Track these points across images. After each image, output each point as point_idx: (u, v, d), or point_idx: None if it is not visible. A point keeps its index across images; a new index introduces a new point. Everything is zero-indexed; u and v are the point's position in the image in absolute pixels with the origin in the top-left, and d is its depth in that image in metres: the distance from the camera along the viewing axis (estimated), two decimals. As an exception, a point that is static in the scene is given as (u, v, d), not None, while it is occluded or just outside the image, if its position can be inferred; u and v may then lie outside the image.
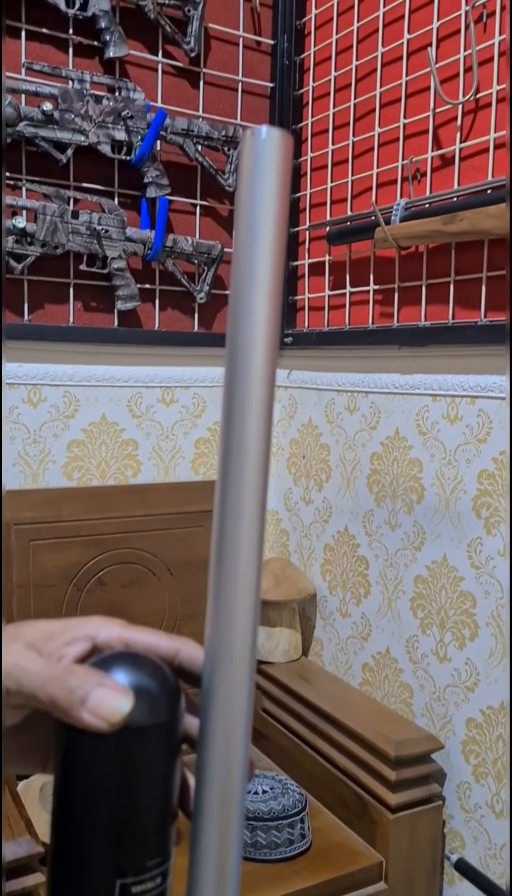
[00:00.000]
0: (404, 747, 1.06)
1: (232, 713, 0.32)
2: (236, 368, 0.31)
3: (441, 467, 1.11)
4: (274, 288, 0.31)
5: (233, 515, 0.32)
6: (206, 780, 0.32)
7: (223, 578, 0.32)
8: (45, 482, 1.26)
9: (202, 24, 1.29)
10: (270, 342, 0.31)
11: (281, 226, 0.31)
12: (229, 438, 0.31)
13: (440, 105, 1.10)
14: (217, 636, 0.32)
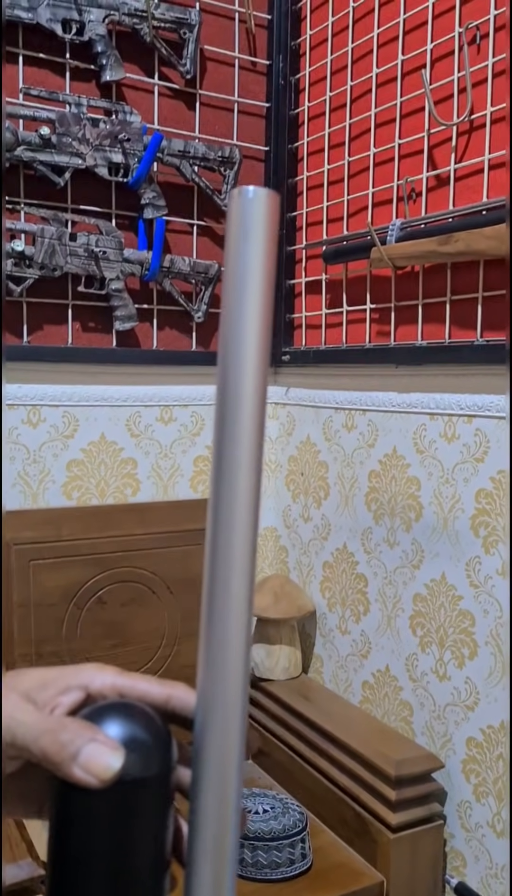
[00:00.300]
0: (405, 766, 1.06)
1: (224, 760, 0.32)
2: (227, 413, 0.31)
3: (439, 486, 1.11)
4: (263, 343, 0.31)
5: (225, 536, 0.32)
6: (199, 828, 0.32)
7: (215, 610, 0.32)
8: (45, 502, 1.26)
9: (198, 45, 1.30)
10: (258, 396, 0.31)
11: (268, 283, 0.31)
12: (221, 459, 0.32)
13: (435, 126, 1.11)
14: (209, 679, 0.32)
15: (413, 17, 1.14)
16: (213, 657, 0.32)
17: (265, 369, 0.32)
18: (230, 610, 0.32)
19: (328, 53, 1.32)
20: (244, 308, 0.31)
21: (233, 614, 0.32)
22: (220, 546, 0.32)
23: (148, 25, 1.24)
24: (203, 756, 0.32)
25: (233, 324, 0.31)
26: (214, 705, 0.32)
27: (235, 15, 1.38)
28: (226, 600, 0.32)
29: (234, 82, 1.39)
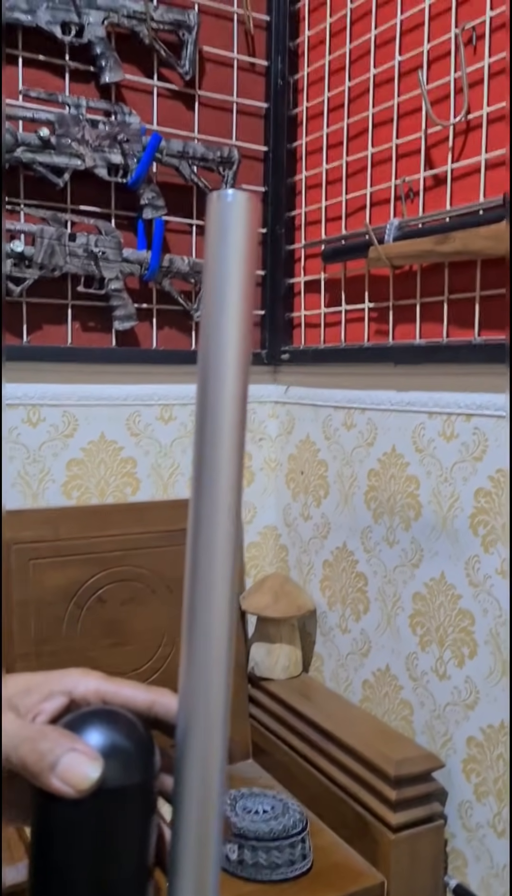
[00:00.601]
0: (405, 766, 1.06)
1: (207, 766, 0.32)
2: (207, 430, 0.31)
3: (438, 485, 1.11)
4: (243, 347, 0.31)
5: (206, 539, 0.32)
6: (181, 835, 0.32)
7: (196, 615, 0.32)
8: (45, 501, 1.27)
9: (196, 47, 1.31)
10: (239, 403, 0.31)
11: (248, 287, 0.31)
12: (202, 464, 0.31)
13: (432, 126, 1.11)
14: (191, 686, 0.32)
15: (410, 17, 1.15)
16: (194, 662, 0.32)
17: (246, 371, 0.32)
18: (212, 614, 0.32)
19: (326, 54, 1.33)
20: (224, 312, 0.31)
21: (215, 618, 0.32)
22: (202, 549, 0.32)
23: (147, 27, 1.25)
24: (185, 763, 0.32)
25: (213, 328, 0.31)
26: (196, 711, 0.32)
27: (234, 16, 1.38)
28: (208, 604, 0.32)
29: (232, 83, 1.39)
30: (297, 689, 1.31)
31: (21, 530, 1.22)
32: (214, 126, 1.38)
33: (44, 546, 1.23)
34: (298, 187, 1.42)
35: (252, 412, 1.46)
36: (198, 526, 0.32)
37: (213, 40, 1.36)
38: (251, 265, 0.31)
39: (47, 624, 1.22)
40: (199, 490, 0.31)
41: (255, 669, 1.35)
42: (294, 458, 1.44)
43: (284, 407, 1.46)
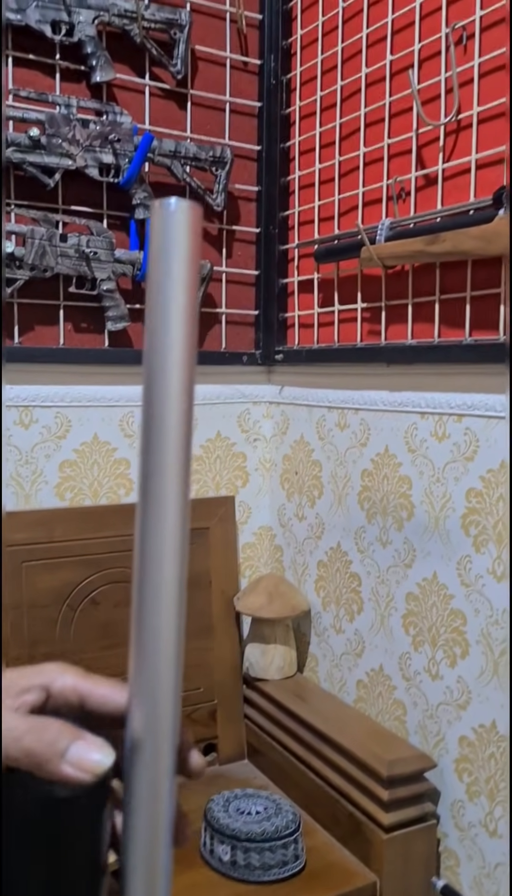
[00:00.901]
0: (397, 766, 1.06)
1: (156, 774, 0.32)
2: (153, 442, 0.31)
3: (430, 485, 1.11)
4: (187, 356, 0.31)
5: (153, 546, 0.32)
6: (131, 844, 0.33)
7: (144, 620, 0.32)
8: (38, 503, 1.27)
9: (188, 46, 1.30)
10: (184, 412, 0.31)
11: (191, 295, 0.31)
12: (147, 478, 0.32)
13: (423, 126, 1.10)
14: (139, 681, 0.32)
15: (401, 17, 1.14)
16: (142, 672, 0.32)
17: (191, 380, 0.32)
18: (160, 619, 0.32)
19: (319, 53, 1.32)
20: (168, 322, 0.31)
21: (163, 624, 0.32)
22: (149, 555, 0.32)
23: (138, 26, 1.25)
24: (134, 770, 0.32)
25: (157, 340, 0.31)
26: (145, 720, 0.32)
27: (226, 15, 1.38)
28: (155, 610, 0.32)
29: (225, 82, 1.39)
30: (291, 689, 1.31)
31: (14, 532, 1.22)
32: (207, 125, 1.37)
33: (37, 548, 1.23)
34: (291, 187, 1.42)
35: (247, 412, 1.46)
36: (144, 537, 0.32)
37: (205, 39, 1.36)
38: (194, 273, 0.31)
39: (41, 626, 1.22)
40: (146, 498, 0.32)
41: (249, 670, 1.35)
42: (289, 459, 1.44)
43: (279, 407, 1.46)
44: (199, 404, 1.39)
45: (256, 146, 1.42)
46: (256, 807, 1.13)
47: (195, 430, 1.40)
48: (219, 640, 1.36)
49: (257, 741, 1.34)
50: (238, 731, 1.37)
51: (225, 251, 1.41)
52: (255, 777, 1.33)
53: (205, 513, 1.38)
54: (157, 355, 0.31)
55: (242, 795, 1.16)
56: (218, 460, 1.42)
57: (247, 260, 1.43)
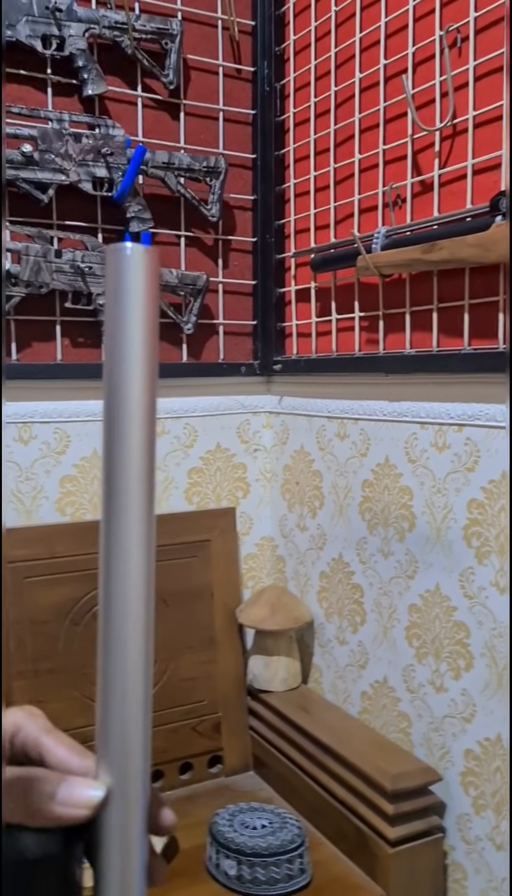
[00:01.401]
0: (402, 780, 1.05)
1: (128, 822, 0.32)
2: (114, 468, 0.31)
3: (431, 496, 1.10)
4: (147, 409, 0.31)
5: (119, 566, 0.32)
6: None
7: (111, 648, 0.32)
8: (39, 519, 1.26)
9: (180, 55, 1.30)
10: (145, 446, 0.31)
11: (150, 340, 0.31)
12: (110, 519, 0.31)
13: (418, 131, 1.09)
14: (108, 739, 0.32)
15: (395, 20, 1.13)
16: (110, 730, 0.32)
17: (151, 430, 0.31)
18: (127, 644, 0.32)
19: (312, 58, 1.31)
20: (126, 371, 0.31)
21: (130, 651, 0.32)
22: (114, 576, 0.32)
23: (129, 38, 1.24)
24: (105, 828, 0.32)
25: (115, 394, 0.31)
26: (114, 778, 0.32)
27: (218, 22, 1.37)
28: (122, 629, 0.32)
29: (218, 90, 1.37)
30: (295, 701, 1.31)
31: (15, 548, 1.22)
32: (201, 135, 1.36)
33: (38, 564, 1.22)
34: (286, 195, 1.41)
35: (247, 423, 1.45)
36: (108, 556, 0.32)
37: (197, 48, 1.35)
38: (152, 317, 0.31)
39: (43, 642, 1.22)
40: (110, 517, 0.32)
41: (253, 682, 1.35)
42: (289, 469, 1.43)
43: (279, 417, 1.45)
44: (199, 416, 1.39)
45: (250, 154, 1.41)
46: (262, 821, 1.12)
47: (195, 444, 1.39)
48: (222, 652, 1.36)
49: (263, 753, 1.34)
50: (243, 743, 1.37)
51: (221, 262, 1.40)
52: (260, 789, 1.32)
53: (206, 525, 1.37)
54: (116, 409, 0.31)
55: (248, 809, 1.15)
56: (218, 472, 1.42)
57: (243, 270, 1.43)
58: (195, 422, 1.38)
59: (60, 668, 1.22)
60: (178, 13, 1.31)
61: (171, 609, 1.32)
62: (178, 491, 1.38)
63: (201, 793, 1.31)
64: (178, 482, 1.38)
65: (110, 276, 0.31)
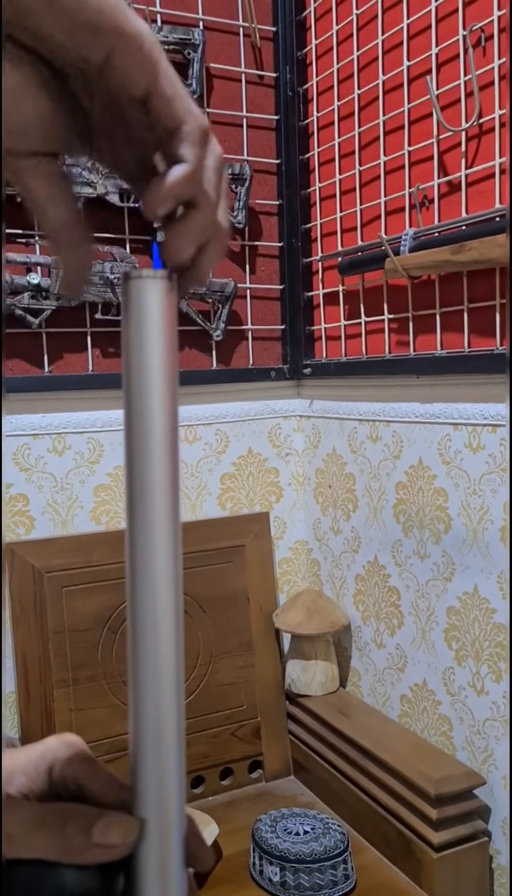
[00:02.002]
0: (445, 785, 1.05)
1: (166, 858, 0.32)
2: (137, 499, 0.31)
3: (466, 497, 1.09)
4: (169, 410, 0.31)
5: (145, 577, 0.31)
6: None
7: (140, 657, 0.31)
8: (75, 528, 1.28)
9: (203, 64, 1.30)
10: (170, 459, 0.31)
11: (169, 366, 0.31)
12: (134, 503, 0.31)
13: (444, 132, 1.09)
14: (143, 772, 0.32)
15: (417, 21, 1.12)
16: (145, 762, 0.32)
17: (175, 454, 0.31)
18: (159, 653, 0.31)
19: (334, 62, 1.31)
20: (147, 403, 0.31)
21: (162, 658, 0.31)
22: (141, 585, 0.31)
23: (151, 49, 1.25)
24: (142, 862, 0.32)
25: (137, 423, 0.31)
26: (151, 814, 0.32)
27: (240, 30, 1.37)
28: (154, 642, 0.31)
29: (241, 97, 1.38)
30: (334, 705, 1.30)
31: (52, 558, 1.23)
32: (225, 142, 1.37)
33: (76, 573, 1.24)
34: (312, 199, 1.41)
35: (278, 427, 1.45)
36: (134, 564, 0.31)
37: (219, 56, 1.35)
38: (170, 343, 0.31)
39: (83, 650, 1.23)
40: (134, 528, 0.31)
41: (291, 686, 1.35)
42: (322, 472, 1.43)
43: (310, 421, 1.45)
44: (230, 421, 1.39)
45: (275, 160, 1.41)
46: (304, 826, 1.12)
47: (227, 450, 1.40)
48: (260, 656, 1.36)
49: (303, 758, 1.33)
50: (283, 747, 1.37)
51: (248, 267, 1.40)
52: (301, 794, 1.32)
53: (240, 530, 1.38)
54: (138, 437, 0.31)
55: (290, 815, 1.15)
56: (251, 476, 1.42)
57: (271, 275, 1.43)
58: (226, 427, 1.39)
59: (100, 676, 1.23)
60: (199, 23, 1.32)
61: (207, 615, 1.33)
62: (211, 497, 1.38)
63: (242, 798, 1.31)
64: (211, 488, 1.38)
65: (126, 305, 0.31)
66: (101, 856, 0.31)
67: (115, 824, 0.32)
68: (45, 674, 1.21)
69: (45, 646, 1.21)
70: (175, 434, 0.32)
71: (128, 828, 0.32)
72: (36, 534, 1.25)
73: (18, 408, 1.23)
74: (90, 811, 0.32)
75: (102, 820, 0.32)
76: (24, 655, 1.20)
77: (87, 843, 0.31)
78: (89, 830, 0.32)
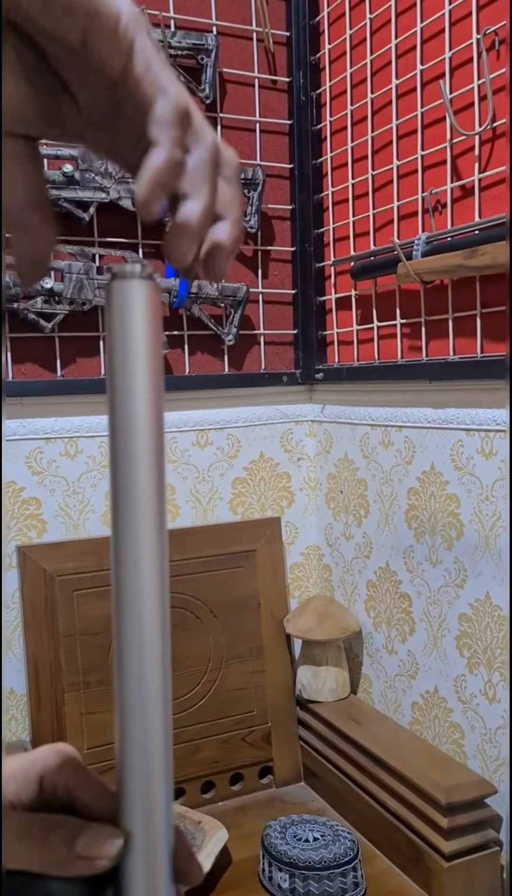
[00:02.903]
0: (456, 793, 1.04)
1: (154, 872, 0.31)
2: (122, 507, 0.31)
3: (479, 503, 1.09)
4: (154, 415, 0.31)
5: (130, 584, 0.31)
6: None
7: (125, 666, 0.31)
8: (86, 532, 1.28)
9: (216, 69, 1.30)
10: (155, 474, 0.31)
11: (153, 370, 0.31)
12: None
13: (457, 136, 1.08)
14: (129, 784, 0.31)
15: (430, 25, 1.12)
16: (131, 774, 0.31)
17: (160, 461, 0.31)
18: (144, 664, 0.31)
19: (347, 67, 1.31)
20: (131, 407, 0.31)
21: (148, 669, 0.31)
22: (126, 593, 0.31)
23: (165, 54, 1.25)
24: (130, 876, 0.32)
25: (120, 430, 0.31)
26: (138, 827, 0.31)
27: (253, 35, 1.37)
28: (139, 651, 0.31)
29: (254, 102, 1.38)
30: (345, 711, 1.30)
31: (64, 562, 1.23)
32: (238, 146, 1.37)
33: (87, 577, 1.24)
34: (325, 203, 1.41)
35: (290, 432, 1.45)
36: (119, 571, 0.31)
37: (232, 61, 1.35)
38: (154, 347, 0.31)
39: (93, 654, 1.23)
40: (119, 533, 0.31)
41: (302, 692, 1.34)
42: (333, 478, 1.42)
43: (321, 426, 1.45)
44: (241, 426, 1.39)
45: (287, 164, 1.41)
46: (314, 833, 1.12)
47: (239, 454, 1.40)
48: (270, 662, 1.36)
49: (313, 764, 1.33)
50: (293, 753, 1.36)
51: (260, 272, 1.40)
52: (311, 800, 1.32)
53: (251, 534, 1.38)
54: (121, 440, 0.31)
55: (299, 821, 1.15)
56: (262, 481, 1.42)
57: (283, 279, 1.43)
58: (238, 432, 1.39)
59: (110, 680, 1.23)
60: (213, 28, 1.32)
61: (218, 619, 1.32)
62: (222, 501, 1.38)
63: (252, 804, 1.31)
64: (222, 493, 1.38)
65: (110, 308, 0.31)
66: (84, 868, 0.31)
67: (99, 836, 0.31)
68: (55, 677, 1.21)
69: (56, 649, 1.21)
70: (160, 439, 0.31)
71: (112, 840, 0.31)
72: (48, 537, 1.25)
73: (31, 411, 1.23)
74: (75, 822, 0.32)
75: (86, 832, 0.31)
76: (36, 658, 1.20)
77: (71, 855, 0.31)
78: (73, 842, 0.31)
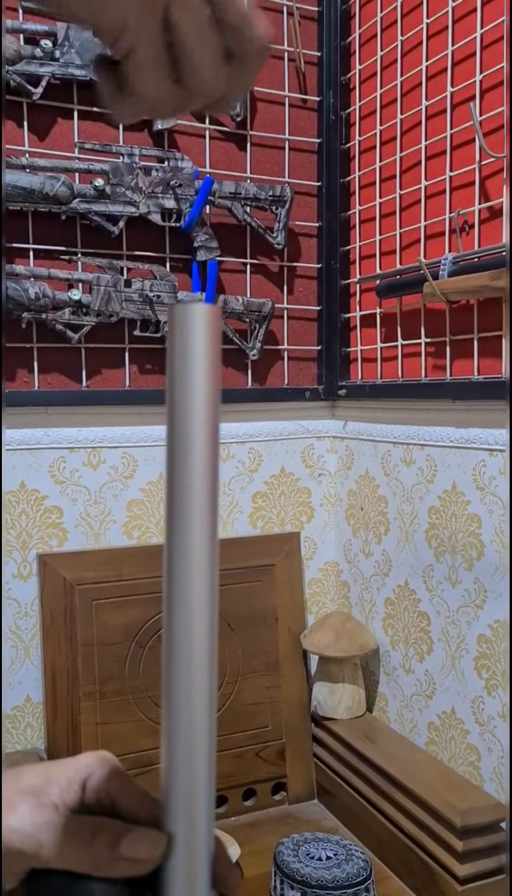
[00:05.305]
0: (471, 816, 1.03)
1: (193, 881, 0.32)
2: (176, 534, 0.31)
3: (500, 524, 1.08)
4: (210, 435, 0.31)
5: (182, 598, 0.32)
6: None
7: (174, 684, 0.32)
8: (106, 542, 1.29)
9: (247, 88, 1.32)
10: (210, 481, 0.31)
11: (212, 395, 0.32)
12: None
13: (486, 158, 1.09)
14: (174, 793, 0.32)
15: (461, 48, 1.13)
16: (176, 785, 0.32)
17: (215, 465, 0.32)
18: (192, 673, 0.32)
19: (378, 87, 1.32)
20: (190, 430, 0.31)
21: (195, 678, 0.32)
22: (177, 603, 0.32)
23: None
24: (170, 884, 0.32)
25: (179, 452, 0.32)
26: (179, 835, 0.32)
27: (285, 54, 1.39)
28: (188, 661, 0.32)
29: (284, 120, 1.40)
30: (360, 729, 1.29)
31: (84, 571, 1.24)
32: (267, 164, 1.39)
33: (106, 586, 1.25)
34: (352, 221, 1.42)
35: (311, 447, 1.45)
36: (171, 586, 0.32)
37: (263, 80, 1.37)
38: (214, 372, 0.31)
39: (111, 663, 1.23)
40: (172, 551, 0.32)
41: (317, 709, 1.34)
42: (354, 494, 1.42)
43: (343, 442, 1.45)
44: (263, 440, 1.40)
45: (316, 182, 1.43)
46: (327, 852, 1.11)
47: (260, 469, 1.40)
48: (286, 677, 1.36)
49: (327, 781, 1.32)
50: (307, 770, 1.36)
51: (286, 288, 1.41)
52: (324, 818, 1.31)
53: (270, 549, 1.38)
54: (179, 462, 0.32)
55: (312, 839, 1.14)
56: (282, 496, 1.42)
57: (308, 295, 1.44)
58: (260, 446, 1.39)
59: (127, 690, 1.24)
60: (245, 47, 1.33)
61: (235, 633, 1.32)
62: (242, 515, 1.39)
63: (265, 820, 1.30)
64: (242, 506, 1.39)
65: (172, 333, 0.31)
66: (127, 869, 0.32)
67: (142, 839, 0.32)
68: (72, 686, 1.22)
69: (74, 658, 1.22)
70: (216, 458, 0.32)
71: (155, 843, 0.32)
72: (68, 546, 1.26)
73: (56, 421, 1.25)
74: (118, 825, 0.33)
75: (130, 834, 0.32)
76: (53, 667, 1.21)
77: (114, 856, 0.32)
78: (117, 844, 0.32)
